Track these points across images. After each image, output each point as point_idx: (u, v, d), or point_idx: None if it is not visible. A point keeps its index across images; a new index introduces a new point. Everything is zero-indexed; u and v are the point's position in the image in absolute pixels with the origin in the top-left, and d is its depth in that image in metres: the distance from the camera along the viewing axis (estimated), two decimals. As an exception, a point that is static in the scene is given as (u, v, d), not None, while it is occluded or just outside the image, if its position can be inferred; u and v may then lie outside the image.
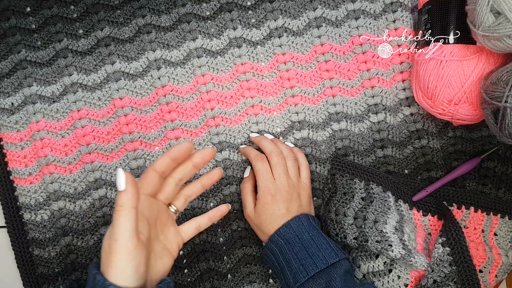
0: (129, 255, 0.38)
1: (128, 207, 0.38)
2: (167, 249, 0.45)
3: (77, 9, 0.58)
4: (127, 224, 0.38)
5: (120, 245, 0.37)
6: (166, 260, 0.44)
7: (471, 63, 0.49)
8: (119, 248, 0.37)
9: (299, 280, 0.47)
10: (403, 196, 0.56)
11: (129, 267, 0.37)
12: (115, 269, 0.37)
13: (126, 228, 0.38)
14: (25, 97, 0.57)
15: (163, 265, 0.44)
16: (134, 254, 0.38)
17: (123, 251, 0.37)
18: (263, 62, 0.58)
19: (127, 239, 0.38)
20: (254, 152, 0.55)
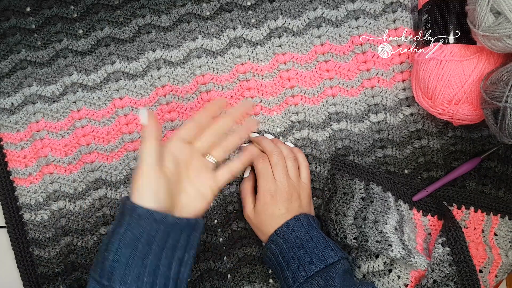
0: (148, 179, 0.42)
1: (150, 139, 0.43)
2: (201, 192, 0.47)
3: (77, 9, 0.58)
4: (147, 152, 0.43)
5: (141, 170, 0.42)
6: (198, 202, 0.47)
7: (471, 63, 0.49)
8: (140, 172, 0.42)
9: (298, 280, 0.47)
10: (403, 196, 0.56)
11: (147, 189, 0.42)
12: (135, 191, 0.42)
13: (147, 155, 0.43)
14: (25, 97, 0.57)
15: (195, 206, 0.47)
16: (154, 179, 0.42)
17: (143, 175, 0.42)
18: (263, 62, 0.58)
19: (147, 165, 0.42)
20: (256, 151, 0.55)
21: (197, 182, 0.48)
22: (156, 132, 0.44)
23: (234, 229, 0.58)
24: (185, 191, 0.47)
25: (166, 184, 0.43)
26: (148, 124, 0.44)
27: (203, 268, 0.57)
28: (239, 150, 0.53)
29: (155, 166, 0.43)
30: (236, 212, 0.58)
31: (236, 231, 0.58)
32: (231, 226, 0.58)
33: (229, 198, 0.58)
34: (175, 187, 0.45)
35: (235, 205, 0.58)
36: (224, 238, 0.57)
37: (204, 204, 0.47)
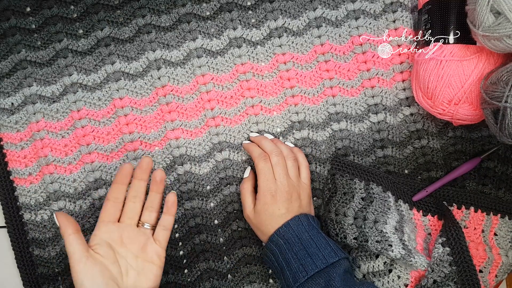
0: (81, 270, 0.45)
1: (67, 235, 0.46)
2: (148, 261, 0.50)
3: (77, 9, 0.58)
4: (71, 247, 0.46)
5: (72, 264, 0.45)
6: (149, 271, 0.50)
7: (471, 63, 0.49)
8: (72, 267, 0.45)
9: (299, 280, 0.47)
10: (403, 196, 0.56)
11: (85, 279, 0.45)
12: (76, 283, 0.45)
13: (71, 252, 0.46)
14: (25, 97, 0.57)
15: (147, 277, 0.49)
16: (86, 268, 0.45)
17: (75, 271, 0.45)
18: (263, 62, 0.58)
19: (75, 258, 0.45)
20: (257, 150, 0.55)
21: (140, 253, 0.50)
22: (71, 227, 0.46)
23: (234, 229, 0.58)
24: (131, 267, 0.49)
25: (102, 269, 0.46)
26: (60, 223, 0.47)
27: (203, 268, 0.57)
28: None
29: (83, 258, 0.45)
30: (236, 212, 0.58)
31: (236, 231, 0.58)
32: (231, 226, 0.58)
33: (229, 198, 0.58)
34: (116, 269, 0.48)
35: (235, 205, 0.58)
36: (224, 238, 0.57)
37: (156, 271, 0.50)
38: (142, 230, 0.52)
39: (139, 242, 0.51)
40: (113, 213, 0.50)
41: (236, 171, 0.58)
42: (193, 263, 0.57)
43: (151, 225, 0.52)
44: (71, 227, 0.47)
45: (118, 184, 0.51)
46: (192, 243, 0.57)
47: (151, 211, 0.53)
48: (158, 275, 0.50)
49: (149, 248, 0.51)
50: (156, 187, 0.54)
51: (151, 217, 0.53)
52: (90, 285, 0.44)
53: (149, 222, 0.52)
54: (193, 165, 0.58)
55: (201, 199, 0.57)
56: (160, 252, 0.51)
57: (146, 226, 0.52)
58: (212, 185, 0.58)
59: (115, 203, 0.51)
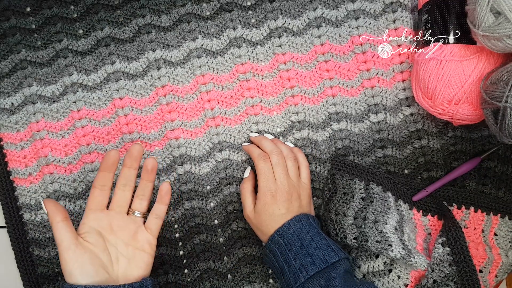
0: (70, 258, 0.44)
1: (55, 222, 0.45)
2: (139, 250, 0.49)
3: (77, 9, 0.58)
4: (59, 234, 0.45)
5: (61, 252, 0.45)
6: (140, 260, 0.49)
7: (471, 63, 0.49)
8: (61, 255, 0.44)
9: (299, 280, 0.47)
10: (403, 196, 0.56)
11: (74, 270, 0.44)
12: (66, 274, 0.44)
13: (60, 240, 0.45)
14: (25, 97, 0.57)
15: (138, 266, 0.49)
16: (75, 256, 0.44)
17: (64, 259, 0.44)
18: (263, 62, 0.58)
19: (63, 246, 0.45)
20: (257, 150, 0.55)
21: (131, 241, 0.49)
22: (59, 215, 0.46)
23: (234, 229, 0.58)
24: (122, 255, 0.48)
25: (91, 257, 0.45)
26: (48, 210, 0.46)
27: (203, 268, 0.57)
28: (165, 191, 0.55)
29: (72, 246, 0.45)
30: (236, 212, 0.58)
31: (236, 231, 0.58)
32: (231, 226, 0.58)
33: (229, 198, 0.58)
34: (105, 257, 0.47)
35: (235, 205, 0.58)
36: (224, 238, 0.57)
37: (147, 259, 0.50)
38: (132, 218, 0.51)
39: (130, 230, 0.50)
40: (101, 201, 0.49)
41: (236, 171, 0.58)
42: (193, 263, 0.57)
43: (142, 213, 0.52)
44: (60, 214, 0.46)
45: (105, 172, 0.50)
46: (192, 243, 0.57)
47: (142, 199, 0.52)
48: (149, 263, 0.50)
49: (140, 236, 0.50)
50: (147, 176, 0.53)
51: (141, 205, 0.52)
52: (79, 273, 0.44)
53: (140, 210, 0.52)
54: (193, 165, 0.58)
55: (201, 199, 0.57)
56: (151, 240, 0.51)
57: (137, 214, 0.51)
58: (212, 185, 0.58)
59: (102, 191, 0.50)
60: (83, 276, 0.44)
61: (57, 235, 0.45)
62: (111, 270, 0.47)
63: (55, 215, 0.46)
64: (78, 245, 0.45)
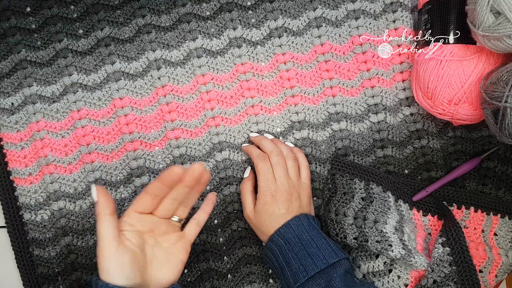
0: (111, 256, 0.42)
1: (103, 215, 0.43)
2: (173, 254, 0.48)
3: (77, 9, 0.58)
4: (104, 229, 0.42)
5: (102, 250, 0.42)
6: (173, 264, 0.47)
7: (471, 63, 0.49)
8: (101, 250, 0.42)
9: (299, 280, 0.47)
10: (403, 196, 0.56)
11: (113, 268, 0.41)
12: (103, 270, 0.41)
13: (104, 234, 0.42)
14: (25, 97, 0.57)
15: (170, 270, 0.47)
16: (117, 255, 0.42)
17: (105, 255, 0.42)
18: (263, 62, 0.58)
19: (106, 242, 0.42)
20: (256, 151, 0.55)
21: (168, 246, 0.48)
22: (109, 208, 0.43)
23: (234, 229, 0.58)
24: (156, 258, 0.46)
25: (132, 258, 0.43)
26: (99, 200, 0.43)
27: (203, 268, 0.57)
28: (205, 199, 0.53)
29: (115, 243, 0.42)
30: (236, 212, 0.58)
31: (236, 231, 0.58)
32: (231, 226, 0.58)
33: (229, 198, 0.58)
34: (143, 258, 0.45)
35: (235, 205, 0.58)
36: (224, 238, 0.57)
37: (180, 265, 0.48)
38: (172, 223, 0.49)
39: (169, 235, 0.48)
40: (149, 207, 0.47)
41: (236, 171, 0.58)
42: (193, 263, 0.57)
43: (182, 219, 0.50)
44: (110, 207, 0.43)
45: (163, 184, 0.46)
46: (193, 243, 0.57)
47: (185, 206, 0.50)
48: (180, 269, 0.48)
49: (177, 241, 0.49)
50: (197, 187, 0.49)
51: (183, 212, 0.50)
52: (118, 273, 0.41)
53: (180, 217, 0.50)
54: (193, 165, 0.58)
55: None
56: (187, 246, 0.49)
57: (175, 218, 0.49)
58: (212, 185, 0.58)
59: (153, 200, 0.46)
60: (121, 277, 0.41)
61: (102, 229, 0.42)
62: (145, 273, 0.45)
63: (104, 207, 0.43)
64: (121, 243, 0.43)
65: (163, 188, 0.46)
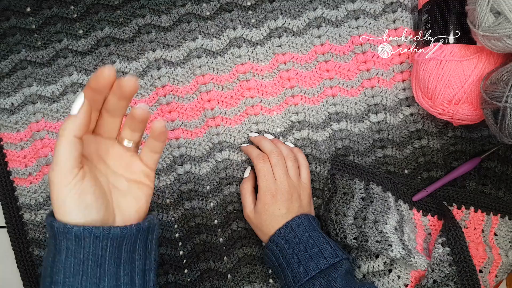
0: (69, 184, 0.34)
1: (71, 135, 0.34)
2: (135, 180, 0.40)
3: (77, 9, 0.58)
4: (66, 151, 0.34)
5: (58, 174, 0.34)
6: (138, 191, 0.40)
7: (471, 63, 0.49)
8: (57, 177, 0.34)
9: (300, 281, 0.47)
10: (403, 196, 0.56)
11: (70, 197, 0.34)
12: (56, 203, 0.34)
13: (66, 155, 0.34)
14: (25, 97, 0.57)
15: (136, 198, 0.40)
16: (75, 182, 0.34)
17: (62, 179, 0.34)
18: (263, 62, 0.58)
19: (66, 166, 0.34)
20: (256, 151, 0.55)
21: (124, 172, 0.40)
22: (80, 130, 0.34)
23: (234, 229, 0.58)
24: (117, 189, 0.39)
25: (91, 186, 0.35)
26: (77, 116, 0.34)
27: (203, 268, 0.57)
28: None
29: (75, 169, 0.34)
30: (236, 212, 0.58)
31: (236, 231, 0.58)
32: (231, 226, 0.58)
33: (229, 198, 0.58)
34: (99, 188, 0.37)
35: (235, 205, 0.58)
36: (224, 238, 0.57)
37: (146, 190, 0.40)
38: (123, 147, 0.40)
39: (121, 159, 0.40)
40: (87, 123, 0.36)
41: (236, 171, 0.58)
42: (193, 263, 0.57)
43: (134, 142, 0.40)
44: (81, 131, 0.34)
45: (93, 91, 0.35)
46: (192, 243, 0.57)
47: (133, 130, 0.39)
48: (148, 195, 0.40)
49: (134, 166, 0.40)
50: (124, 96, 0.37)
51: (133, 136, 0.40)
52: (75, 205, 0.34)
53: (132, 139, 0.40)
54: (193, 165, 0.58)
55: (201, 199, 0.57)
56: (148, 172, 0.40)
57: (127, 143, 0.40)
58: (212, 185, 0.58)
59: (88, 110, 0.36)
60: (80, 209, 0.34)
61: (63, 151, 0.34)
62: (107, 203, 0.37)
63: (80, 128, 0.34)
64: (81, 169, 0.35)
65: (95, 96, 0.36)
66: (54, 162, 0.34)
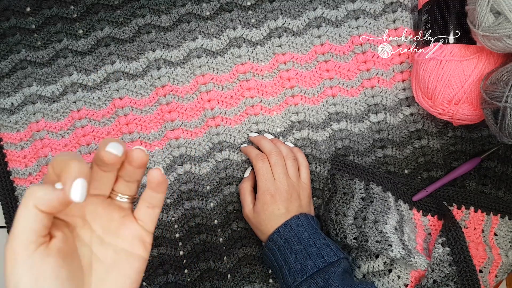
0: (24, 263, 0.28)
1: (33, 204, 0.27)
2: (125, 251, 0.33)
3: (77, 9, 0.58)
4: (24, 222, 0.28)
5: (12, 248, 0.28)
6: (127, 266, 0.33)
7: (471, 63, 0.49)
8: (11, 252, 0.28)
9: (298, 279, 0.47)
10: (403, 196, 0.56)
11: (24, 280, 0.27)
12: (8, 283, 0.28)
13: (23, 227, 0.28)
14: (25, 97, 0.57)
15: (123, 275, 0.33)
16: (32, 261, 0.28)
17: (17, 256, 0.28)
18: (263, 62, 0.58)
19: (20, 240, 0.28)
20: (255, 151, 0.55)
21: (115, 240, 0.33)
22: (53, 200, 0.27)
23: (234, 229, 0.58)
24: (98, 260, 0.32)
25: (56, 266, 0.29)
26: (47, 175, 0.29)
27: (203, 268, 0.57)
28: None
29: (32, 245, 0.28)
30: (236, 212, 0.58)
31: (236, 231, 0.58)
32: (231, 226, 0.58)
33: (229, 198, 0.58)
34: (74, 263, 0.31)
35: (235, 205, 0.58)
36: (224, 238, 0.57)
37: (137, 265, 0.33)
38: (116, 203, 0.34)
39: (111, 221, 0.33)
40: None
41: (236, 171, 0.58)
42: (193, 263, 0.57)
43: (130, 197, 0.34)
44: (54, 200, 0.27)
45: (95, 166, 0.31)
46: (192, 243, 0.57)
47: (129, 181, 0.33)
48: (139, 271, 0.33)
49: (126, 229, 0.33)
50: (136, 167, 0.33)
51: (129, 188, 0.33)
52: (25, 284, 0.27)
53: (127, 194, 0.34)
54: (193, 165, 0.58)
55: (201, 199, 0.57)
56: (143, 235, 0.34)
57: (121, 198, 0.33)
58: (212, 185, 0.58)
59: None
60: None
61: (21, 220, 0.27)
62: (81, 285, 0.30)
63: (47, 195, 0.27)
64: (42, 244, 0.28)
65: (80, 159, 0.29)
66: (10, 233, 0.28)
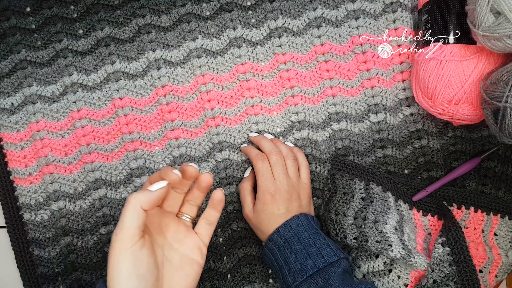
0: (128, 251, 0.36)
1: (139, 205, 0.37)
2: (189, 258, 0.43)
3: (77, 9, 0.58)
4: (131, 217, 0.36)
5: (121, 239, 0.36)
6: (189, 268, 0.43)
7: (471, 63, 0.49)
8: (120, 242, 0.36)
9: (298, 279, 0.47)
10: (403, 196, 0.56)
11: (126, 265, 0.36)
12: (111, 269, 0.36)
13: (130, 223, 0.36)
14: (25, 97, 0.57)
15: (186, 274, 0.42)
16: (133, 250, 0.36)
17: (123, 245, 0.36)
18: (263, 62, 0.58)
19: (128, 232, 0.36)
20: (255, 151, 0.55)
21: (180, 245, 0.43)
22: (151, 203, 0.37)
23: (234, 229, 0.58)
24: (168, 260, 0.42)
25: (148, 257, 0.38)
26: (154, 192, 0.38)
27: (203, 268, 0.57)
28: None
29: (136, 237, 0.36)
30: (236, 212, 0.58)
31: (236, 231, 0.58)
32: (231, 226, 0.58)
33: (229, 198, 0.58)
34: (153, 259, 0.39)
35: (235, 205, 0.58)
36: (224, 238, 0.57)
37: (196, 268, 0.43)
38: (181, 221, 0.45)
39: (179, 232, 0.43)
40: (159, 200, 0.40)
41: (236, 171, 0.58)
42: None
43: (191, 217, 0.45)
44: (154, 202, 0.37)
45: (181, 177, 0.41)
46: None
47: (192, 204, 0.45)
48: (198, 273, 0.43)
49: (189, 240, 0.44)
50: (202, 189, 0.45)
51: (192, 210, 0.45)
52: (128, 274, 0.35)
53: (190, 214, 0.45)
54: (193, 165, 0.57)
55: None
56: (202, 246, 0.44)
57: (186, 217, 0.45)
58: (212, 185, 0.58)
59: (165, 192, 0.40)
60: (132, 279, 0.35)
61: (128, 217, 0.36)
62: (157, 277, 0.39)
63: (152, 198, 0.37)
64: (140, 238, 0.37)
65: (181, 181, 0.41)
66: (118, 227, 0.37)
